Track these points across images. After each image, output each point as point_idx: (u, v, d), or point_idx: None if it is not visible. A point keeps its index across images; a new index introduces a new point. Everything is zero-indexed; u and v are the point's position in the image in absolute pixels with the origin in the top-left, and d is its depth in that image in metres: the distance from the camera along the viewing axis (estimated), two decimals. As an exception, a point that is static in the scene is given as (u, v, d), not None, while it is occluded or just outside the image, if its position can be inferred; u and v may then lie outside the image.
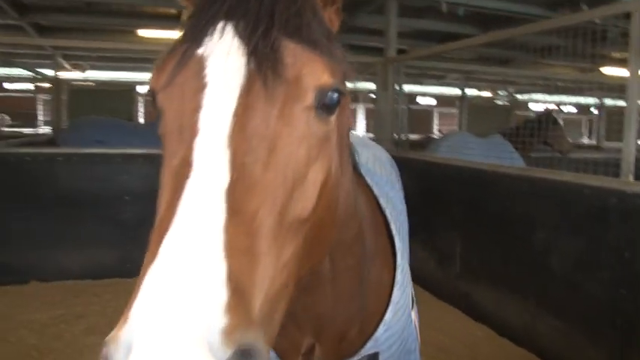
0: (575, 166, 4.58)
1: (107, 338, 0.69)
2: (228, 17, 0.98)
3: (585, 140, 20.38)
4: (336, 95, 1.01)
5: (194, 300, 0.68)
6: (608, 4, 4.34)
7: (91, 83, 13.17)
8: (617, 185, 3.86)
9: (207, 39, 0.97)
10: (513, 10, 8.49)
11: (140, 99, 16.68)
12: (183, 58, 0.97)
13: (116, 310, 5.26)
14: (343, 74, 1.05)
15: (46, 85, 11.36)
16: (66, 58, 13.93)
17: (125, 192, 6.19)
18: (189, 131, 0.90)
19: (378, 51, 7.77)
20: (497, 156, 7.01)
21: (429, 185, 6.09)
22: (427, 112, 29.37)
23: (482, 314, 5.13)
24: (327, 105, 0.99)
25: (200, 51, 0.97)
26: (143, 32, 10.79)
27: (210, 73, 0.93)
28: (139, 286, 0.71)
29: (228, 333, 0.68)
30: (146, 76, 16.87)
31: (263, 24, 0.95)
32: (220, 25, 0.98)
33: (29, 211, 5.94)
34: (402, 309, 1.68)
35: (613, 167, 4.28)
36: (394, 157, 3.01)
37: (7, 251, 5.90)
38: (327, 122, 1.01)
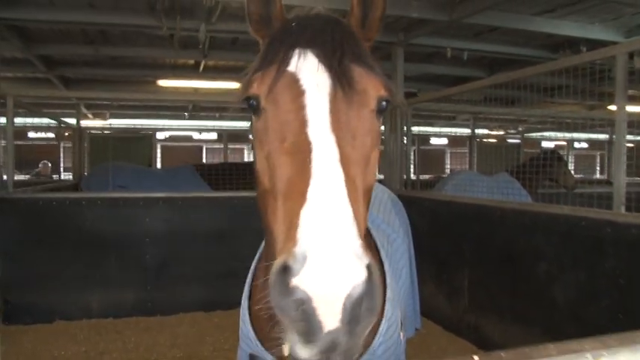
0: (580, 200, 4.79)
1: (279, 259, 0.98)
2: (307, 45, 1.36)
3: (597, 175, 20.38)
4: (385, 103, 1.42)
5: (342, 228, 1.00)
6: (605, 47, 4.61)
7: (108, 131, 13.65)
8: (610, 216, 4.08)
9: (293, 60, 1.35)
10: (515, 53, 8.87)
11: (158, 145, 17.18)
12: (279, 74, 1.33)
13: (137, 347, 5.49)
14: (390, 89, 1.44)
15: (68, 133, 11.76)
16: (88, 107, 14.54)
17: (146, 234, 6.48)
18: (297, 123, 1.26)
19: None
20: (503, 193, 7.21)
21: (436, 222, 6.31)
22: (441, 152, 29.65)
23: (490, 345, 5.26)
24: (381, 110, 1.41)
25: (291, 68, 1.34)
26: (163, 82, 11.31)
27: (306, 83, 1.31)
28: (296, 221, 1.03)
29: (363, 250, 0.99)
30: (164, 122, 17.48)
31: (338, 52, 1.34)
32: (300, 50, 1.36)
33: (54, 253, 6.23)
34: (394, 326, 1.86)
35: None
36: (402, 196, 3.26)
37: (34, 291, 6.18)
38: (380, 122, 1.43)
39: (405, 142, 7.50)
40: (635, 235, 3.83)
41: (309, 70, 1.32)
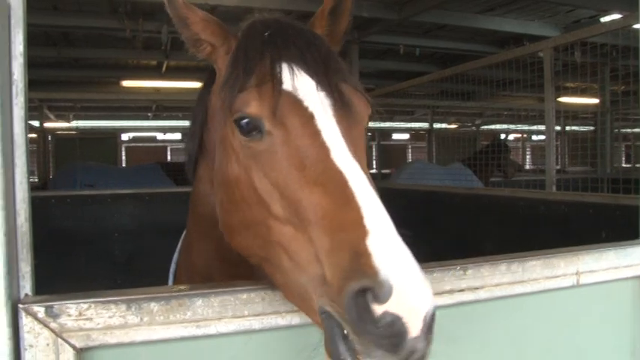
0: (534, 185, 5.28)
1: (352, 283, 1.00)
2: (293, 61, 1.30)
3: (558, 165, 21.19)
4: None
5: (410, 256, 1.04)
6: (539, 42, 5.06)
7: (73, 132, 13.63)
8: (543, 196, 4.54)
9: (285, 77, 1.28)
10: (464, 48, 9.37)
11: (123, 146, 17.22)
12: (277, 93, 1.26)
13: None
14: (372, 106, 1.44)
15: (32, 135, 11.73)
16: (51, 109, 14.49)
17: (115, 230, 6.67)
18: (317, 149, 1.21)
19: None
20: (455, 180, 7.64)
21: (391, 209, 6.68)
22: (403, 146, 30.37)
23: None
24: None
25: (287, 87, 1.27)
26: (127, 83, 11.46)
27: (311, 105, 1.26)
28: (363, 249, 1.04)
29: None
30: (128, 123, 17.50)
31: (329, 71, 1.31)
32: (289, 66, 1.30)
33: (26, 251, 6.36)
34: None
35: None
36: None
37: (6, 288, 6.28)
38: None
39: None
40: (564, 211, 4.30)
41: (307, 90, 1.27)
